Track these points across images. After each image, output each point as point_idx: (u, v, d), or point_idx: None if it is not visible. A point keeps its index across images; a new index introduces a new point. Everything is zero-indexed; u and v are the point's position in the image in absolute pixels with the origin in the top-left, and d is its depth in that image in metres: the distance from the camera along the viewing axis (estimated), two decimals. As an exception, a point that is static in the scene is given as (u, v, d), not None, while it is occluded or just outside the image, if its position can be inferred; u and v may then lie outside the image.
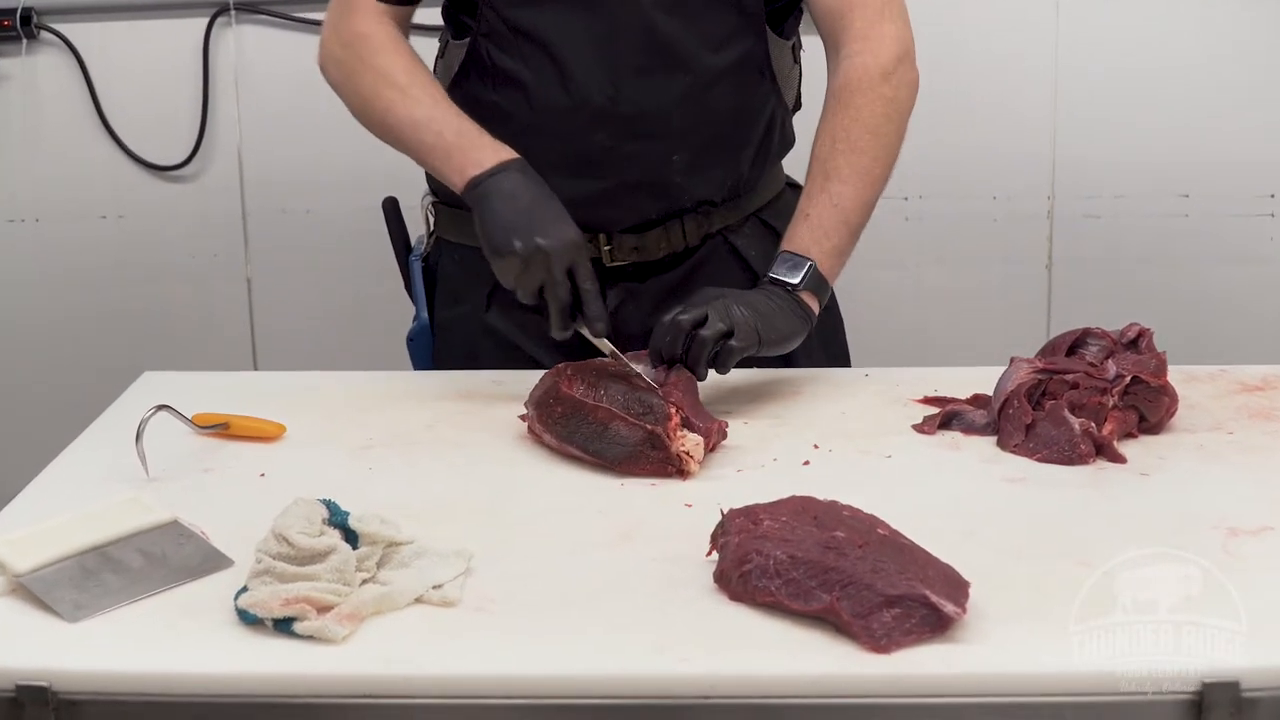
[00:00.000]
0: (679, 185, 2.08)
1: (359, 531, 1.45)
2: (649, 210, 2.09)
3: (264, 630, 1.36)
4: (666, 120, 2.04)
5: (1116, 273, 3.29)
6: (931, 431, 1.84)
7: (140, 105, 3.27)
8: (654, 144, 2.05)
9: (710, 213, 2.13)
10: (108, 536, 1.49)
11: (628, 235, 2.10)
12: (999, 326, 3.29)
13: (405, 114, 1.99)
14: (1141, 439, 1.80)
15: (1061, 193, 3.28)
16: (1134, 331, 1.88)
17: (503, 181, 1.91)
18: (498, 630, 1.37)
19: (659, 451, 1.71)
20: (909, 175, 3.21)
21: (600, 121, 2.02)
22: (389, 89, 2.01)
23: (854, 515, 1.47)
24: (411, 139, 2.00)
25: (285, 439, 1.85)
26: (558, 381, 1.79)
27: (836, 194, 1.97)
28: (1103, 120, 3.22)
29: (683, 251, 2.13)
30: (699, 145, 2.07)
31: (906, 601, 1.32)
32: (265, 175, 3.31)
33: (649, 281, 2.13)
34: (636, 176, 2.05)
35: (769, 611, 1.37)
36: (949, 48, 3.16)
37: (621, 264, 2.11)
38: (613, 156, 2.04)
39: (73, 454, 1.83)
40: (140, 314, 3.36)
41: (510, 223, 1.88)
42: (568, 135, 2.03)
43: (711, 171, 2.10)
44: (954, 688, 1.28)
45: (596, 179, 2.05)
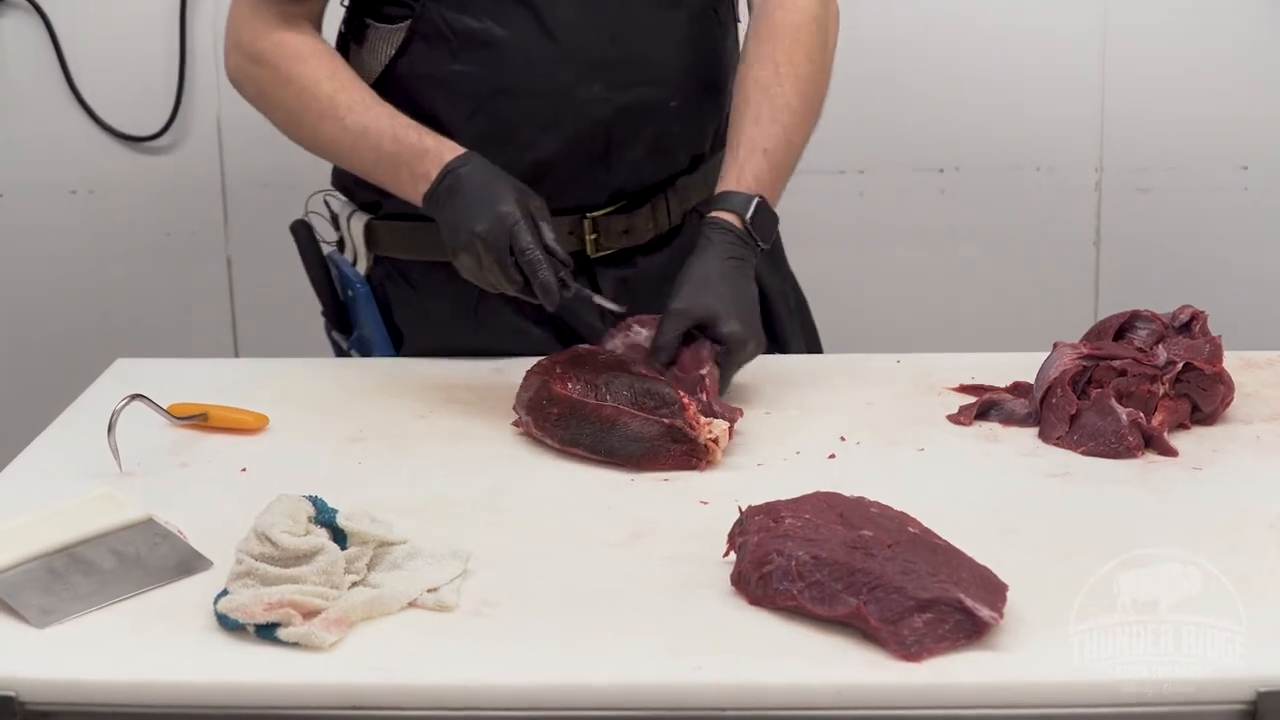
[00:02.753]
0: (674, 136, 2.08)
1: (347, 530, 1.45)
2: (644, 172, 2.09)
3: (245, 636, 1.36)
4: (664, 62, 2.04)
5: (1169, 251, 3.28)
6: (968, 422, 1.84)
7: (112, 72, 3.27)
8: (651, 90, 2.05)
9: (688, 186, 2.13)
10: (77, 536, 1.50)
11: (617, 217, 2.10)
12: (1041, 309, 3.28)
13: (335, 131, 1.99)
14: (1194, 430, 1.80)
15: (1110, 164, 3.27)
16: (1187, 314, 1.88)
17: (449, 185, 1.91)
18: (497, 636, 1.37)
19: (681, 444, 1.72)
20: (943, 145, 3.22)
21: (593, 71, 2.02)
22: (313, 103, 2.00)
23: (883, 512, 1.47)
24: (348, 160, 2.02)
25: (268, 431, 1.86)
26: (548, 381, 1.79)
27: (789, 126, 1.99)
28: (1155, 84, 3.21)
29: (667, 232, 2.14)
30: (692, 89, 2.08)
31: (939, 606, 1.32)
32: (246, 147, 3.31)
33: (638, 264, 2.13)
34: (633, 130, 2.05)
35: (790, 616, 1.38)
36: (987, 3, 3.16)
37: (608, 251, 2.11)
38: (608, 109, 2.03)
39: (40, 447, 1.84)
40: (112, 296, 3.37)
41: (454, 223, 1.89)
42: (555, 93, 2.02)
43: (703, 118, 2.12)
44: (990, 698, 1.29)
45: (593, 138, 2.04)
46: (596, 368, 1.83)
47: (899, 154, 3.22)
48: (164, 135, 3.28)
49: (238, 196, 3.31)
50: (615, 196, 2.09)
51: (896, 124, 3.18)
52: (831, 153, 3.06)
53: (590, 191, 2.07)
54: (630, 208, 2.11)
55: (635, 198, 2.11)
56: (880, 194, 3.24)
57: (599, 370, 1.82)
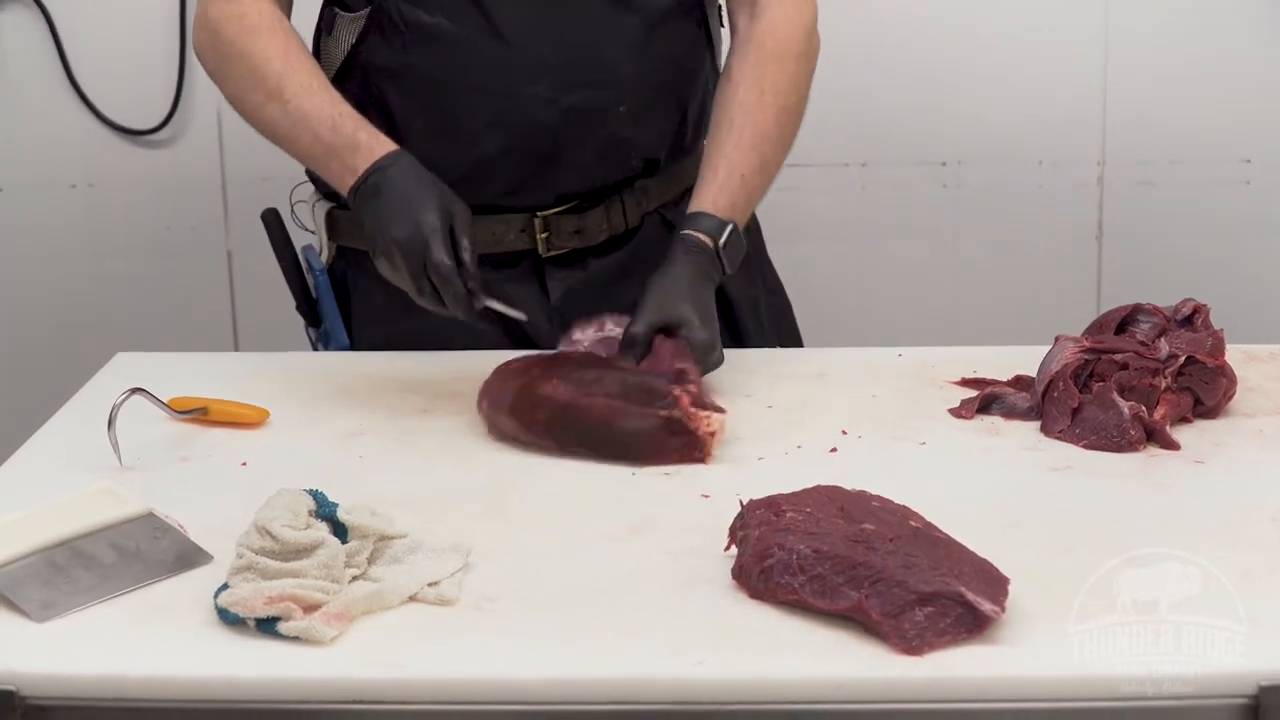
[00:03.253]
0: (626, 141, 2.08)
1: (348, 524, 1.45)
2: (594, 174, 2.08)
3: (246, 631, 1.37)
4: (613, 66, 2.04)
5: (1171, 244, 3.28)
6: (969, 416, 1.84)
7: (112, 65, 3.26)
8: (599, 93, 2.04)
9: (648, 188, 2.13)
10: (78, 530, 1.50)
11: (568, 217, 2.09)
12: (1043, 302, 3.28)
13: (278, 114, 1.98)
14: (1196, 424, 1.80)
15: (1112, 158, 3.27)
16: (1189, 308, 1.88)
17: (374, 184, 1.90)
18: (498, 631, 1.37)
19: (680, 437, 1.72)
20: (945, 138, 3.22)
21: (539, 71, 2.02)
22: (261, 82, 1.99)
23: (884, 506, 1.47)
24: (287, 144, 2.00)
25: (268, 425, 1.86)
26: (529, 384, 1.79)
27: (766, 155, 2.01)
28: (1158, 77, 3.21)
29: (622, 234, 2.13)
30: (645, 93, 2.07)
31: (941, 600, 1.33)
32: (247, 140, 3.25)
33: (590, 266, 2.13)
34: (580, 133, 2.04)
35: (792, 610, 1.38)
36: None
37: (559, 251, 2.10)
38: (553, 111, 2.03)
39: (40, 441, 1.84)
40: (112, 290, 3.36)
41: (375, 225, 1.88)
42: (501, 91, 2.02)
43: (657, 125, 2.11)
44: (991, 692, 1.29)
45: (535, 139, 2.04)
46: (577, 366, 1.82)
47: (900, 147, 3.21)
48: (164, 129, 3.28)
49: (238, 190, 3.31)
50: (565, 197, 2.09)
51: (898, 117, 3.18)
52: (832, 146, 3.06)
53: (537, 191, 2.07)
54: (583, 208, 2.10)
55: (588, 198, 2.10)
56: (881, 187, 3.24)
57: (581, 368, 1.82)
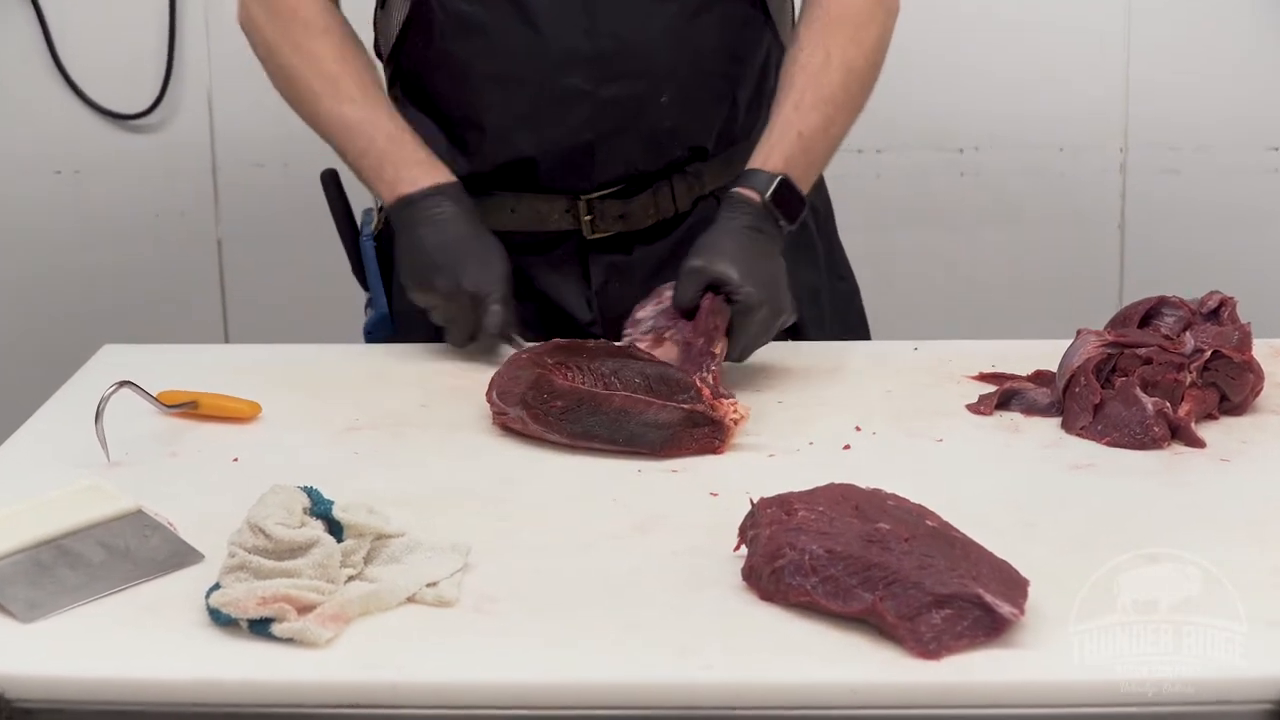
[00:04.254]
0: (668, 131, 2.08)
1: (344, 523, 1.45)
2: (637, 162, 2.09)
3: (238, 632, 1.37)
4: (650, 56, 2.04)
5: (1197, 234, 3.28)
6: (988, 412, 1.84)
7: (99, 47, 3.27)
8: (637, 84, 2.04)
9: (701, 172, 2.13)
10: (65, 528, 1.50)
11: (612, 201, 2.10)
12: (1064, 294, 3.29)
13: (334, 112, 2.04)
14: (1222, 421, 1.80)
15: (1136, 144, 3.27)
16: (1215, 300, 1.88)
17: (433, 208, 1.98)
18: (499, 633, 1.37)
19: (702, 428, 1.74)
20: (963, 124, 3.22)
21: (573, 62, 2.02)
22: (318, 79, 2.06)
23: (900, 505, 1.47)
24: (340, 140, 2.06)
25: (261, 419, 1.87)
26: (544, 374, 1.79)
27: (830, 117, 2.02)
28: (1182, 60, 3.21)
29: (672, 218, 2.13)
30: (688, 84, 2.07)
31: (958, 602, 1.32)
32: (238, 124, 3.31)
33: (635, 253, 2.13)
34: (619, 124, 2.05)
35: (804, 612, 1.38)
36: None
37: (604, 235, 2.11)
38: (590, 103, 2.04)
39: (24, 437, 1.84)
40: (99, 280, 3.37)
41: (434, 259, 1.97)
42: (537, 82, 2.03)
43: (704, 113, 2.11)
44: (1010, 697, 1.29)
45: (573, 130, 2.05)
46: (593, 356, 1.83)
47: (917, 133, 3.22)
48: (152, 113, 3.29)
49: (229, 176, 3.31)
50: (608, 183, 2.09)
51: (915, 102, 3.18)
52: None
53: (575, 180, 2.09)
54: (629, 193, 2.11)
55: (635, 182, 2.11)
56: (898, 174, 3.25)
57: (597, 359, 1.82)
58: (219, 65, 3.28)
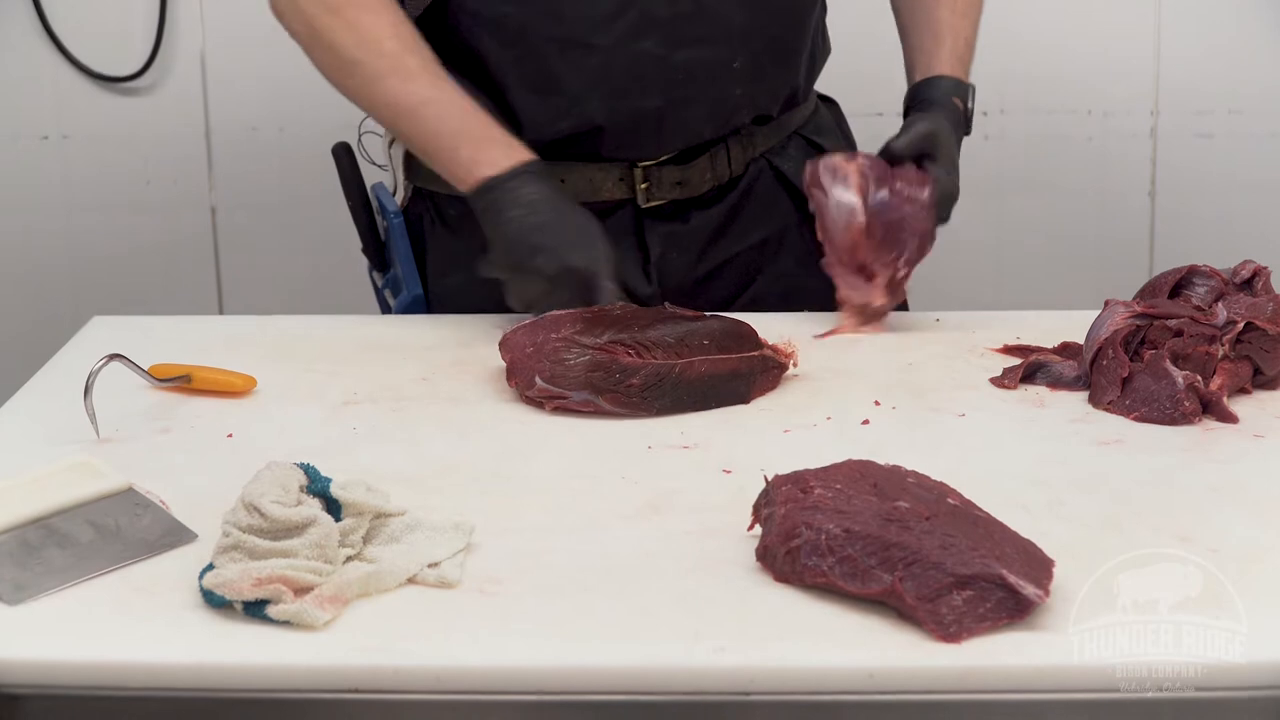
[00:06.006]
0: (739, 98, 2.09)
1: (342, 501, 1.46)
2: (703, 131, 2.09)
3: (233, 614, 1.37)
4: (723, 19, 2.04)
5: (1230, 201, 3.27)
6: (1012, 386, 1.84)
7: (87, 6, 3.27)
8: (712, 49, 2.05)
9: (754, 134, 2.14)
10: (53, 506, 1.51)
11: (670, 168, 2.10)
12: (1092, 264, 3.28)
13: (398, 91, 2.01)
14: (1256, 395, 1.80)
15: (1167, 107, 3.26)
16: (1249, 270, 1.88)
17: (520, 187, 1.94)
18: (503, 616, 1.38)
19: (772, 371, 1.84)
20: (987, 86, 3.20)
21: (650, 25, 2.02)
22: (375, 58, 2.01)
23: (920, 483, 1.47)
24: (405, 122, 2.03)
25: (256, 393, 1.87)
26: (602, 354, 1.78)
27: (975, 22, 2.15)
28: (1216, 20, 3.21)
29: (726, 182, 2.14)
30: (760, 49, 2.08)
31: (980, 583, 1.33)
32: (232, 88, 3.31)
33: (691, 219, 2.14)
34: (691, 91, 2.06)
35: (820, 594, 1.38)
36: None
37: (659, 203, 2.11)
38: (663, 68, 2.04)
39: (10, 412, 1.84)
40: (88, 249, 3.38)
41: (534, 240, 1.92)
42: (608, 46, 2.03)
43: (772, 79, 2.12)
44: (1034, 682, 1.29)
45: (642, 98, 2.05)
46: (627, 325, 1.83)
47: (939, 96, 3.21)
48: (143, 75, 3.29)
49: (223, 141, 3.32)
50: (667, 151, 2.10)
51: (936, 63, 3.18)
52: (868, 94, 3.04)
53: (641, 149, 2.09)
54: (686, 158, 2.11)
55: (693, 148, 2.11)
56: (919, 139, 3.24)
57: (644, 326, 1.83)
58: (212, 25, 3.28)
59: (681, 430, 1.74)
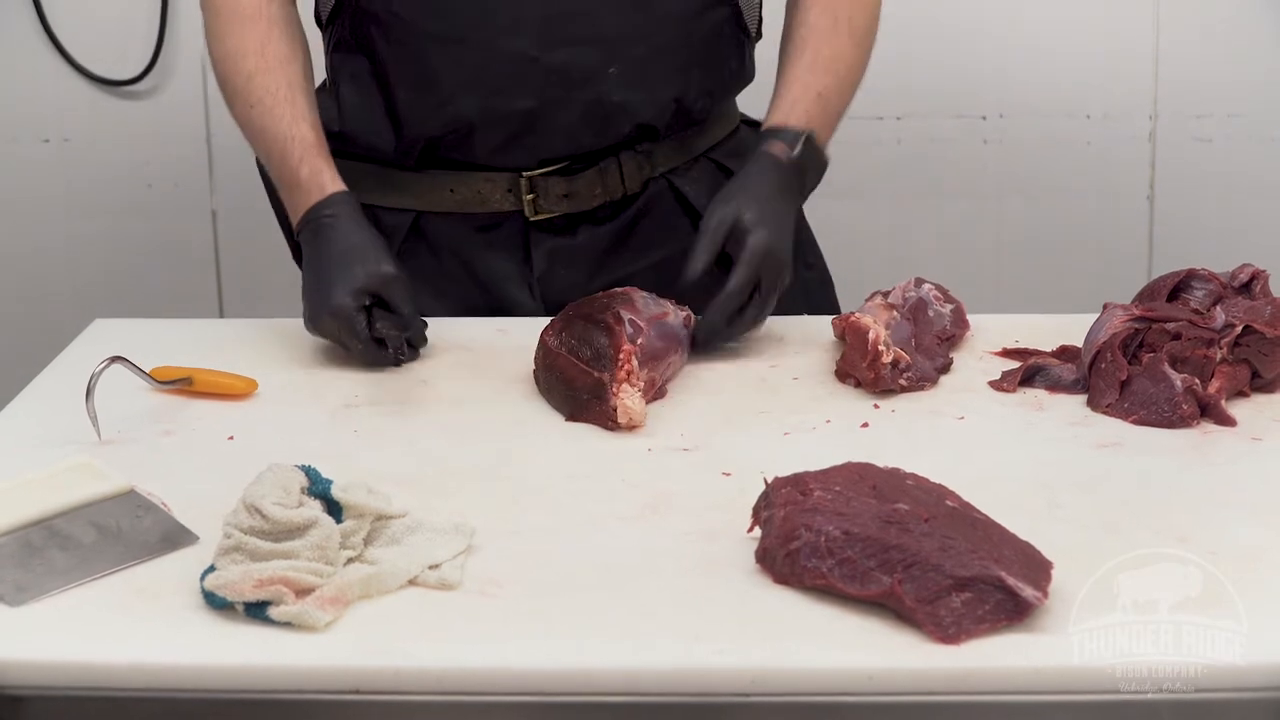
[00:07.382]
0: (616, 105, 2.06)
1: (343, 502, 1.46)
2: (582, 138, 2.08)
3: (234, 616, 1.37)
4: (599, 22, 2.03)
5: (1229, 205, 3.27)
6: (1011, 389, 1.84)
7: (89, 11, 3.27)
8: (585, 52, 2.03)
9: (652, 152, 2.13)
10: (55, 508, 1.51)
11: (556, 179, 2.09)
12: (1090, 267, 3.28)
13: (243, 115, 2.04)
14: (1254, 398, 1.80)
15: (1166, 111, 3.26)
16: (1247, 273, 1.88)
17: (307, 242, 1.97)
18: (504, 617, 1.38)
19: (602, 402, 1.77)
20: (986, 90, 3.22)
21: (519, 26, 2.01)
22: (235, 76, 2.05)
23: (919, 485, 1.47)
24: (253, 145, 2.06)
25: (257, 396, 1.87)
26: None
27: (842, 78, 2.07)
28: (1214, 23, 3.21)
29: (620, 199, 2.13)
30: (639, 56, 2.06)
31: (979, 585, 1.33)
32: (234, 91, 3.30)
33: (580, 234, 2.12)
34: (565, 92, 2.04)
35: (819, 596, 1.38)
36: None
37: (548, 215, 2.11)
38: (536, 69, 2.03)
39: (13, 414, 1.84)
40: (89, 252, 3.37)
41: (310, 285, 1.95)
42: (481, 44, 2.02)
43: (653, 89, 2.09)
44: (1033, 683, 1.29)
45: (517, 98, 2.04)
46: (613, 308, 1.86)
47: (938, 99, 3.21)
48: (144, 79, 3.29)
49: (224, 145, 3.31)
50: (550, 160, 2.09)
51: (937, 67, 3.18)
52: (867, 97, 3.03)
53: (519, 153, 2.08)
54: (573, 170, 2.10)
55: (579, 160, 2.10)
56: (917, 142, 3.24)
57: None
58: (213, 29, 3.27)
59: (681, 432, 1.75)
